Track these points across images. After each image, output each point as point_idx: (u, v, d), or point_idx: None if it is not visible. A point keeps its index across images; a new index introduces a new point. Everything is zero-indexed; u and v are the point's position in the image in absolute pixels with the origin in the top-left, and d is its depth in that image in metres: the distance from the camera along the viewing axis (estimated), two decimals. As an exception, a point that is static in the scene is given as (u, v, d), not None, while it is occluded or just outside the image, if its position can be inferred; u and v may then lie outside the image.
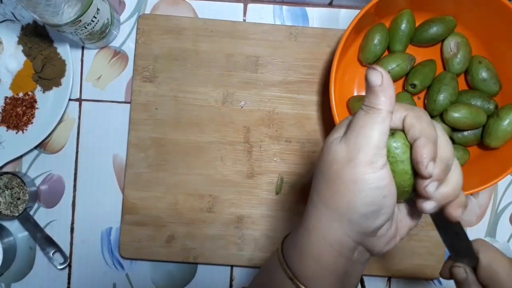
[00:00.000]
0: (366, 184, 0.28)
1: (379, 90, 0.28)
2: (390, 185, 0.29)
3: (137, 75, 0.61)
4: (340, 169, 0.29)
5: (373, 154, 0.28)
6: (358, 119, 0.29)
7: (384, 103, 0.28)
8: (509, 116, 0.54)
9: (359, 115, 0.29)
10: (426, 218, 0.61)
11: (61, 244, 0.61)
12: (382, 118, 0.28)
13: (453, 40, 0.58)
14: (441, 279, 0.62)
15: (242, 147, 0.60)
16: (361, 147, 0.28)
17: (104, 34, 0.58)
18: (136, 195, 0.60)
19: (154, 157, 0.60)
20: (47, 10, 0.46)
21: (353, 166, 0.28)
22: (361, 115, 0.29)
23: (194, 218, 0.60)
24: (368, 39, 0.57)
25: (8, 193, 0.59)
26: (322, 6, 0.63)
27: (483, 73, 0.57)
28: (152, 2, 0.62)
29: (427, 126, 0.29)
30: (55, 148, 0.62)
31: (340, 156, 0.29)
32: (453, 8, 0.57)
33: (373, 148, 0.28)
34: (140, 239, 0.60)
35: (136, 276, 0.61)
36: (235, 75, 0.61)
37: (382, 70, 0.29)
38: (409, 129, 0.29)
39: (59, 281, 0.61)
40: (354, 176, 0.28)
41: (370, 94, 0.29)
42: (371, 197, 0.28)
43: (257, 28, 0.61)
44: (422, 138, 0.28)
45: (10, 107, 0.60)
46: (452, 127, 0.56)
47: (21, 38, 0.60)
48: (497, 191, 0.63)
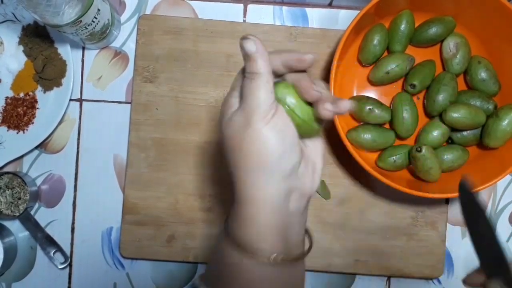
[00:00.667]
0: (268, 131, 0.31)
1: (257, 56, 0.31)
2: (287, 126, 0.32)
3: (137, 76, 0.61)
4: (242, 134, 0.31)
5: (264, 110, 0.31)
6: (245, 88, 0.32)
7: (263, 66, 0.31)
8: (508, 116, 0.54)
9: (245, 84, 0.32)
10: (425, 218, 0.61)
11: (62, 244, 0.61)
12: (265, 79, 0.31)
13: (453, 40, 0.58)
14: (440, 278, 0.62)
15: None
16: (253, 109, 0.31)
17: (104, 34, 0.58)
18: (137, 195, 0.60)
19: (154, 157, 0.60)
20: (48, 11, 0.46)
21: (251, 127, 0.31)
22: (247, 83, 0.32)
23: (194, 218, 0.60)
24: (367, 39, 0.57)
25: (9, 193, 0.59)
26: (321, 6, 0.63)
27: (482, 73, 0.57)
28: (153, 2, 0.63)
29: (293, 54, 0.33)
30: (55, 148, 0.62)
31: (239, 125, 0.31)
32: (453, 8, 0.57)
33: (263, 106, 0.31)
34: (140, 238, 0.60)
35: (137, 275, 0.61)
36: (235, 75, 0.61)
37: (255, 37, 0.32)
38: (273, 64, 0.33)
39: (60, 280, 0.61)
40: (255, 133, 0.31)
41: (248, 62, 0.32)
42: (276, 140, 0.31)
43: (257, 28, 0.61)
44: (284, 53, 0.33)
45: (11, 107, 0.60)
46: (451, 127, 0.56)
47: (22, 39, 0.60)
48: (496, 191, 0.63)
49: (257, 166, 0.31)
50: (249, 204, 0.32)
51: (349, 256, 0.60)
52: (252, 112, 0.31)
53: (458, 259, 0.62)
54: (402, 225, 0.61)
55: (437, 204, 0.61)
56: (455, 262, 0.62)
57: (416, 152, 0.53)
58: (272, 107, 0.31)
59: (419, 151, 0.53)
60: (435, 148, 0.56)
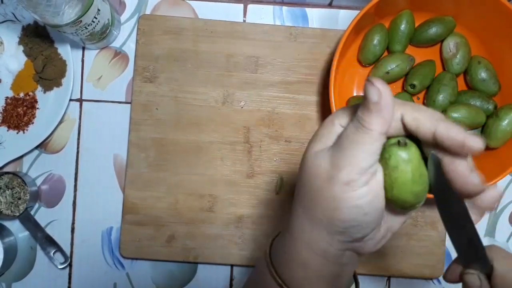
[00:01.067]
0: (345, 203, 0.27)
1: (374, 109, 0.26)
2: (372, 202, 0.27)
3: (137, 76, 0.61)
4: (321, 185, 0.27)
5: (356, 174, 0.26)
6: (347, 136, 0.27)
7: (377, 125, 0.26)
8: (508, 116, 0.54)
9: (349, 130, 0.27)
10: (425, 218, 0.61)
11: (62, 244, 0.61)
12: (372, 140, 0.26)
13: (453, 40, 0.58)
14: (440, 278, 0.62)
15: (242, 147, 0.61)
16: (344, 166, 0.26)
17: (104, 34, 0.58)
18: (137, 195, 0.60)
19: (154, 157, 0.60)
20: (48, 11, 0.46)
21: (333, 184, 0.27)
22: (351, 131, 0.27)
23: (194, 218, 0.60)
24: (367, 39, 0.57)
25: (9, 193, 0.59)
26: (321, 6, 0.63)
27: (482, 74, 0.57)
28: (153, 2, 0.63)
29: (432, 112, 0.26)
30: (55, 148, 0.62)
31: (322, 172, 0.27)
32: (453, 8, 0.57)
33: (357, 169, 0.26)
34: (140, 238, 0.60)
35: (137, 275, 0.61)
36: (235, 75, 0.61)
37: (382, 87, 0.26)
38: (417, 126, 0.26)
39: (60, 280, 0.61)
40: (333, 193, 0.27)
41: (364, 109, 0.26)
42: (351, 215, 0.27)
43: (257, 28, 0.61)
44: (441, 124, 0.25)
45: (11, 107, 0.60)
46: (451, 127, 0.56)
47: (22, 39, 0.61)
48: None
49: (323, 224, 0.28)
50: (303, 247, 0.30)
51: (349, 256, 0.60)
52: (340, 168, 0.26)
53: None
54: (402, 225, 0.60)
55: (437, 204, 0.61)
56: (455, 262, 0.62)
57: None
58: (368, 173, 0.26)
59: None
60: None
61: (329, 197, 0.27)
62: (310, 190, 0.28)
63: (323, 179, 0.27)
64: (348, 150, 0.26)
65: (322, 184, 0.27)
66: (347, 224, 0.28)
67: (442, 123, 0.25)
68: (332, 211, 0.27)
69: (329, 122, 0.29)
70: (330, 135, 0.29)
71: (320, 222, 0.28)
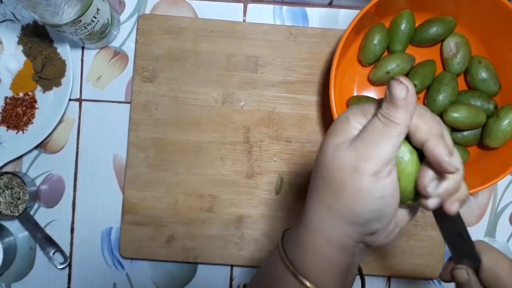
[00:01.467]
0: (371, 194, 0.28)
1: (402, 104, 0.28)
2: (394, 193, 0.29)
3: (137, 75, 0.61)
4: (345, 177, 0.29)
5: (382, 165, 0.28)
6: (373, 130, 0.29)
7: (404, 119, 0.28)
8: (509, 116, 0.54)
9: (375, 126, 0.29)
10: (426, 218, 0.61)
11: (61, 244, 0.61)
12: (398, 132, 0.28)
13: (453, 40, 0.58)
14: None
15: (242, 147, 0.61)
16: (370, 158, 0.28)
17: (104, 34, 0.58)
18: (136, 195, 0.60)
19: (154, 157, 0.60)
20: (47, 10, 0.46)
21: (358, 175, 0.28)
22: (378, 126, 0.29)
23: (194, 218, 0.60)
24: (368, 39, 0.57)
25: (8, 193, 0.59)
26: (322, 6, 0.63)
27: (482, 73, 0.57)
28: (152, 2, 0.63)
29: (433, 124, 0.29)
30: (55, 148, 0.62)
31: (346, 164, 0.29)
32: (453, 8, 0.57)
33: (383, 160, 0.28)
34: (140, 239, 0.60)
35: (136, 275, 0.61)
36: (235, 75, 0.61)
37: (409, 84, 0.28)
38: (415, 132, 0.29)
39: (59, 281, 0.61)
40: (358, 185, 0.28)
41: (391, 106, 0.28)
42: (375, 205, 0.29)
43: (257, 28, 0.61)
44: (432, 138, 0.28)
45: (10, 107, 0.60)
46: (451, 127, 0.56)
47: (21, 38, 0.60)
48: (497, 191, 0.63)
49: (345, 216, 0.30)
50: (319, 238, 0.31)
51: (349, 256, 0.60)
52: (366, 160, 0.28)
53: (458, 259, 0.62)
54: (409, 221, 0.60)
55: (437, 204, 0.61)
56: (455, 262, 0.62)
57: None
58: (391, 164, 0.29)
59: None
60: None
61: (353, 189, 0.28)
62: (332, 183, 0.29)
63: (346, 171, 0.29)
64: (375, 143, 0.28)
65: (345, 177, 0.29)
66: (371, 214, 0.29)
67: (433, 138, 0.28)
68: (357, 202, 0.29)
69: (344, 118, 0.31)
70: (349, 130, 0.30)
71: (341, 214, 0.29)
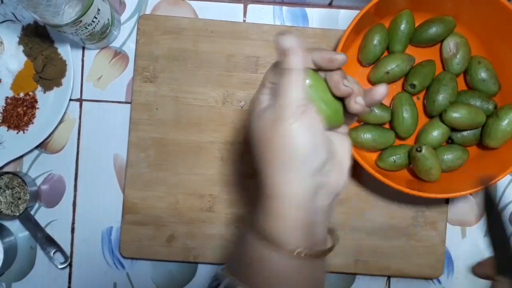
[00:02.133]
0: (297, 130, 0.31)
1: (290, 52, 0.32)
2: (316, 124, 0.32)
3: (137, 75, 0.61)
4: (273, 129, 0.32)
5: (296, 106, 0.31)
6: (280, 84, 0.32)
7: (298, 63, 0.32)
8: (508, 116, 0.54)
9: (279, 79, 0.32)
10: (426, 218, 0.61)
11: (62, 244, 0.61)
12: (299, 75, 0.32)
13: (453, 40, 0.58)
14: (440, 278, 0.62)
15: (242, 147, 0.61)
16: (285, 105, 0.31)
17: (104, 34, 0.58)
18: (137, 195, 0.60)
19: (154, 157, 0.60)
20: (48, 11, 0.46)
21: (282, 122, 0.31)
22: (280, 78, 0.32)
23: (194, 218, 0.60)
24: (367, 39, 0.57)
25: (9, 193, 0.59)
26: (321, 6, 0.63)
27: (482, 73, 0.57)
28: (153, 2, 0.63)
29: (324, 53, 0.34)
30: (55, 148, 0.62)
31: (269, 120, 0.32)
32: (453, 8, 0.57)
33: (295, 102, 0.31)
34: (140, 238, 0.60)
35: (137, 275, 0.61)
36: (235, 75, 0.61)
37: (292, 34, 0.32)
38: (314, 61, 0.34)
39: (60, 280, 0.61)
40: (285, 129, 0.31)
41: (283, 57, 0.32)
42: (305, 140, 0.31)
43: (257, 28, 0.61)
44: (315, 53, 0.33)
45: (11, 107, 0.60)
46: (451, 127, 0.56)
47: (22, 39, 0.60)
48: (497, 191, 0.63)
49: (285, 161, 0.32)
50: (276, 199, 0.33)
51: (349, 256, 0.60)
52: (284, 107, 0.31)
53: (458, 259, 0.62)
54: (402, 225, 0.61)
55: (437, 204, 0.61)
56: (455, 262, 0.62)
57: (416, 152, 0.53)
58: (304, 103, 0.32)
59: (419, 151, 0.53)
60: (435, 148, 0.56)
61: (283, 134, 0.31)
62: (266, 141, 0.32)
63: (273, 124, 0.32)
64: (282, 91, 0.32)
65: (274, 128, 0.32)
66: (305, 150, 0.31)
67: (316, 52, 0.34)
68: (291, 143, 0.31)
69: (261, 85, 0.35)
70: (265, 96, 0.34)
71: (286, 167, 0.32)
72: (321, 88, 0.34)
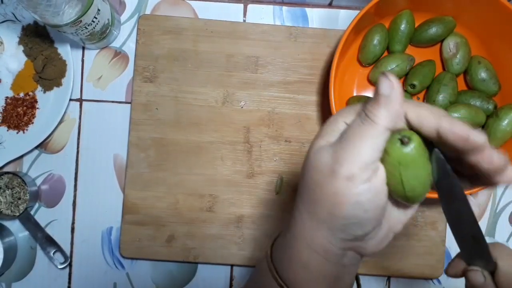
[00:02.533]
0: (346, 199, 0.26)
1: (383, 101, 0.26)
2: (374, 199, 0.27)
3: (137, 76, 0.61)
4: (321, 179, 0.27)
5: (358, 169, 0.26)
6: (351, 129, 0.27)
7: (384, 118, 0.26)
8: (508, 116, 0.54)
9: (353, 124, 0.27)
10: (425, 218, 0.61)
11: (62, 244, 0.61)
12: (377, 133, 0.26)
13: (453, 40, 0.58)
14: (440, 278, 0.62)
15: (242, 147, 0.61)
16: (346, 161, 0.26)
17: (104, 34, 0.58)
18: (137, 195, 0.60)
19: (154, 157, 0.60)
20: (48, 11, 0.46)
21: (334, 178, 0.26)
22: (356, 124, 0.27)
23: (194, 218, 0.60)
24: (367, 39, 0.57)
25: (9, 193, 0.59)
26: (321, 6, 0.63)
27: (482, 73, 0.57)
28: (153, 2, 0.63)
29: (437, 110, 0.26)
30: (55, 148, 0.62)
31: (323, 166, 0.27)
32: (453, 8, 0.57)
33: (359, 164, 0.26)
34: (140, 238, 0.60)
35: (137, 275, 0.61)
36: (235, 75, 0.61)
37: (395, 81, 0.26)
38: (420, 122, 0.26)
39: (60, 280, 0.61)
40: (334, 189, 0.27)
41: (372, 102, 0.26)
42: (351, 211, 0.27)
43: (257, 28, 0.61)
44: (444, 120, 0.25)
45: (11, 107, 0.60)
46: (451, 127, 0.56)
47: (22, 39, 0.61)
48: (496, 191, 0.63)
49: (323, 220, 0.28)
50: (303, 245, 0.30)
51: (349, 256, 0.60)
52: (342, 163, 0.26)
53: (458, 259, 0.62)
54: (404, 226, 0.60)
55: (437, 204, 0.61)
56: (455, 262, 0.62)
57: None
58: (370, 169, 0.26)
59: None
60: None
61: (330, 193, 0.27)
62: (311, 185, 0.28)
63: (324, 174, 0.27)
64: (351, 143, 0.26)
65: (323, 179, 0.27)
66: (347, 220, 0.27)
67: (445, 118, 0.25)
68: (333, 206, 0.27)
69: (333, 119, 0.29)
70: (333, 133, 0.28)
71: (321, 219, 0.28)
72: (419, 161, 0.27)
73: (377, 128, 0.26)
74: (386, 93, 0.26)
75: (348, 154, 0.26)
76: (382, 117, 0.26)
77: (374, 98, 0.26)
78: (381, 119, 0.26)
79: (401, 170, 0.27)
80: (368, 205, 0.27)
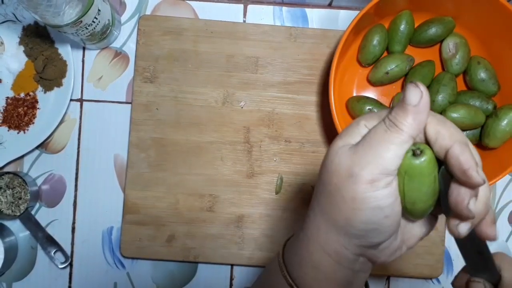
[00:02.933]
0: (366, 203, 0.26)
1: (412, 110, 0.26)
2: (393, 205, 0.27)
3: (137, 76, 0.61)
4: (340, 183, 0.27)
5: (380, 174, 0.26)
6: (375, 133, 0.27)
7: (410, 126, 0.26)
8: (508, 116, 0.54)
9: (377, 129, 0.27)
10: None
11: (62, 244, 0.61)
12: (401, 141, 0.26)
13: (452, 40, 0.58)
14: (439, 278, 0.62)
15: (242, 147, 0.61)
16: (367, 165, 0.26)
17: (105, 35, 0.58)
18: (137, 195, 0.60)
19: (154, 157, 0.60)
20: (48, 11, 0.46)
21: (353, 182, 0.26)
22: (380, 129, 0.27)
23: (194, 218, 0.60)
24: (367, 40, 0.57)
25: (10, 193, 0.59)
26: (321, 7, 0.63)
27: (481, 74, 0.57)
28: (153, 3, 0.63)
29: (455, 131, 0.26)
30: (56, 148, 0.62)
31: (343, 169, 0.27)
32: (452, 8, 0.57)
33: (381, 169, 0.26)
34: (141, 238, 0.60)
35: (137, 275, 0.61)
36: (235, 75, 0.61)
37: (424, 91, 0.26)
38: (436, 138, 0.26)
39: (60, 280, 0.61)
40: (353, 193, 0.26)
41: (399, 110, 0.26)
42: (371, 216, 0.27)
43: (257, 29, 0.61)
44: (457, 144, 0.25)
45: (12, 107, 0.61)
46: (451, 127, 0.56)
47: (22, 39, 0.61)
48: (496, 191, 0.64)
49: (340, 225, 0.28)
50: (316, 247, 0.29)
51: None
52: (363, 166, 0.26)
53: (457, 259, 0.62)
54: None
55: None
56: (454, 262, 0.62)
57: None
58: (390, 176, 0.26)
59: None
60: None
61: (348, 197, 0.26)
62: (328, 188, 0.28)
63: (342, 176, 0.27)
64: (374, 148, 0.26)
65: (341, 182, 0.27)
66: (366, 226, 0.27)
67: (460, 144, 0.25)
68: (351, 211, 0.27)
69: (355, 122, 0.29)
70: (354, 134, 0.28)
71: (337, 223, 0.28)
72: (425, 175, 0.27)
73: (403, 136, 0.26)
74: (415, 102, 0.26)
75: (371, 158, 0.26)
76: (409, 125, 0.26)
77: (401, 106, 0.26)
78: (408, 127, 0.26)
79: (405, 180, 0.27)
80: (388, 210, 0.27)
